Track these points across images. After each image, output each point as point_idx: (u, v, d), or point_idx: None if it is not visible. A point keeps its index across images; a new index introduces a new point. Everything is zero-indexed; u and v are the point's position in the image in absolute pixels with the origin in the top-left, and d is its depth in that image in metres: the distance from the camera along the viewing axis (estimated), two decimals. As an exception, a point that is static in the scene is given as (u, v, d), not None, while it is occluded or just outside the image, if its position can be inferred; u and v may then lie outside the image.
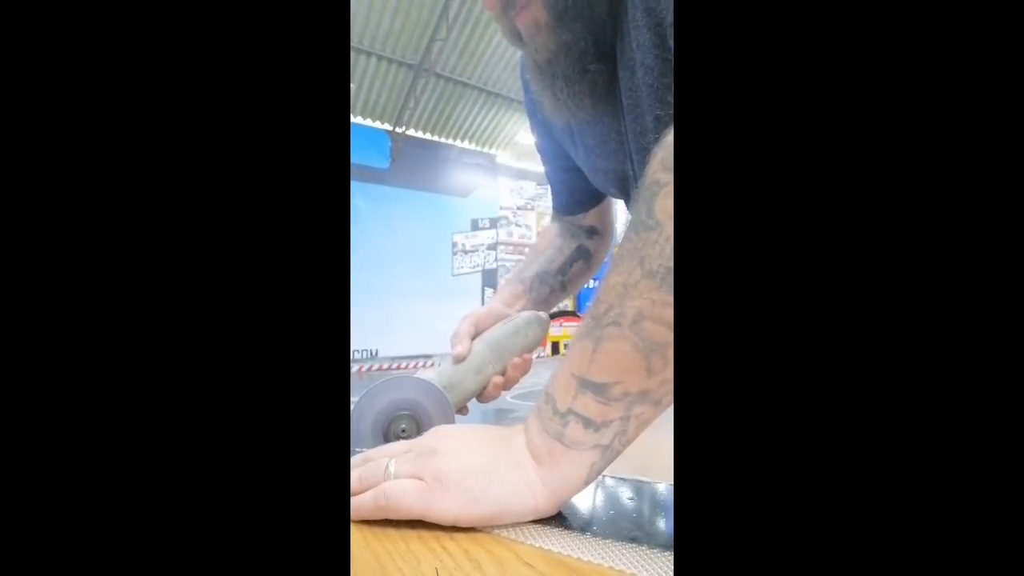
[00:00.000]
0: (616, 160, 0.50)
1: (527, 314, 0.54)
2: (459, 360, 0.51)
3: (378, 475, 0.32)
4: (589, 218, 0.68)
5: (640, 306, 0.28)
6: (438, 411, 0.46)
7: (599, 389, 0.29)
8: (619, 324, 0.28)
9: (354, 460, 0.35)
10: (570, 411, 0.30)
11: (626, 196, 0.52)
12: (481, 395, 0.52)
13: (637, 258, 0.28)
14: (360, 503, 0.31)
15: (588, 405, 0.30)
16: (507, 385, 0.53)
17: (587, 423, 0.30)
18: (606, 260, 0.69)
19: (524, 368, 0.54)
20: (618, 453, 0.31)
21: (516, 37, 0.45)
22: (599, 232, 0.69)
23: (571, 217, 0.68)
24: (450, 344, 0.52)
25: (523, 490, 0.30)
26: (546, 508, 0.31)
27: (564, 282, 0.66)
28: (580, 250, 0.67)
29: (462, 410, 0.52)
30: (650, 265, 0.27)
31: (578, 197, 0.66)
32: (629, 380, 0.29)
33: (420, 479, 0.31)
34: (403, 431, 0.46)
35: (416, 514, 0.30)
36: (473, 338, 0.53)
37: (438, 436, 0.34)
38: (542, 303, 0.63)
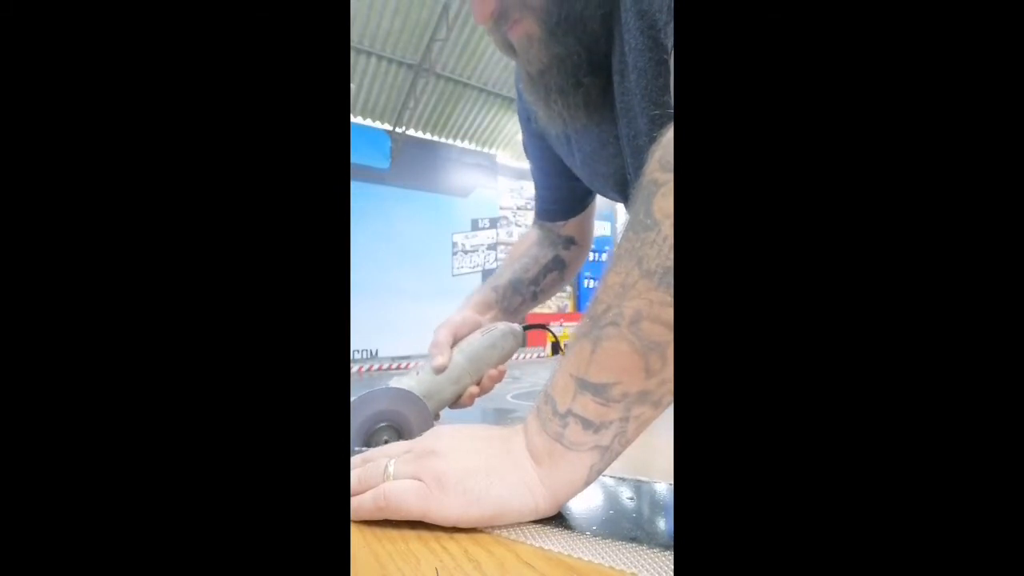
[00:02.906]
0: (615, 164, 0.50)
1: (503, 326, 0.56)
2: (440, 371, 0.52)
3: (377, 476, 0.32)
4: (569, 227, 0.69)
5: (638, 306, 0.28)
6: (419, 421, 0.47)
7: (598, 390, 0.29)
8: (617, 324, 0.28)
9: (353, 461, 0.35)
10: (569, 412, 0.30)
11: (627, 199, 0.52)
12: (455, 403, 0.54)
13: (635, 258, 0.28)
14: (360, 504, 0.31)
15: (587, 406, 0.29)
16: (482, 394, 0.55)
17: (586, 424, 0.30)
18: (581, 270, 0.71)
19: (499, 378, 0.56)
20: (618, 454, 0.31)
21: (509, 49, 0.45)
22: (577, 243, 0.70)
23: (552, 224, 0.69)
24: (429, 353, 0.54)
25: (523, 490, 0.30)
26: (546, 508, 0.31)
27: (536, 292, 0.67)
28: (556, 260, 0.68)
29: (435, 417, 0.54)
30: (648, 265, 0.27)
31: (561, 205, 0.67)
32: (628, 381, 0.29)
33: (419, 480, 0.31)
34: (385, 442, 0.46)
35: (416, 515, 0.30)
36: (451, 347, 0.54)
37: (437, 437, 0.34)
38: (512, 312, 0.65)
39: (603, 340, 0.29)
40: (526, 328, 0.59)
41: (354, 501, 0.31)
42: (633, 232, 0.29)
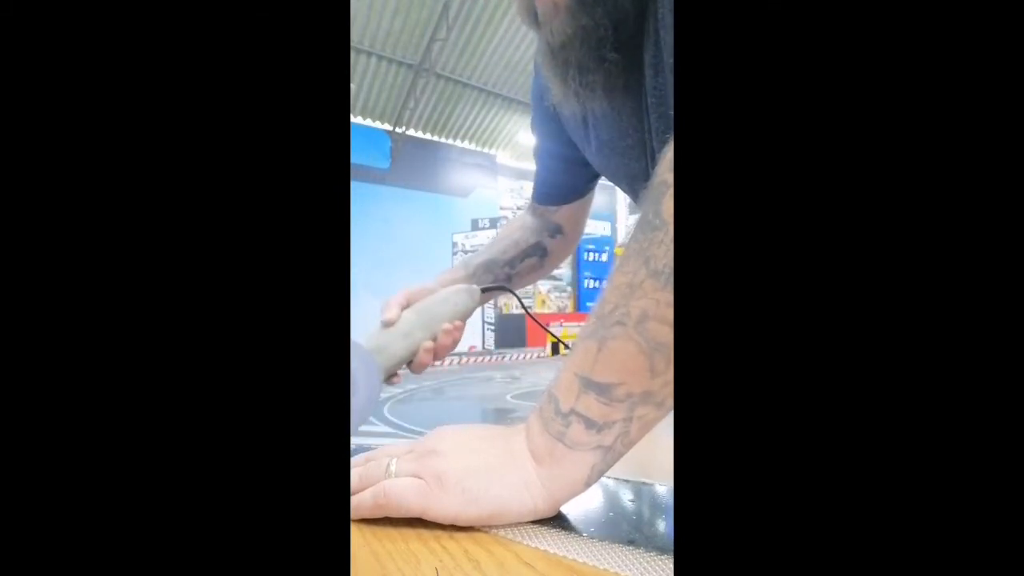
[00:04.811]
0: (631, 157, 0.49)
1: (458, 285, 0.57)
2: (387, 325, 0.53)
3: (379, 474, 0.32)
4: (560, 214, 0.68)
5: (645, 306, 0.28)
6: (364, 370, 0.48)
7: (602, 390, 0.29)
8: (624, 324, 0.28)
9: (355, 460, 0.35)
10: (573, 411, 0.30)
11: (635, 194, 0.52)
12: (412, 363, 0.54)
13: (643, 258, 0.28)
14: (360, 501, 0.31)
15: (591, 406, 0.29)
16: (439, 353, 0.55)
17: (589, 424, 0.30)
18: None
19: (455, 336, 0.56)
20: (620, 455, 0.31)
21: (532, 18, 0.44)
22: (564, 233, 0.69)
23: (544, 208, 0.69)
24: (380, 311, 0.54)
25: (522, 491, 0.30)
26: (545, 509, 0.31)
27: (510, 275, 0.66)
28: (537, 247, 0.68)
29: (394, 377, 0.54)
30: (655, 265, 0.27)
31: (559, 189, 0.67)
32: (633, 381, 0.28)
33: (420, 478, 0.31)
34: None
35: (415, 512, 0.30)
36: (404, 309, 0.55)
37: (438, 436, 0.35)
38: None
39: (609, 340, 0.29)
40: (484, 290, 0.60)
41: (354, 499, 0.31)
42: (642, 232, 0.29)
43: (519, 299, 0.66)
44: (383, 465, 0.33)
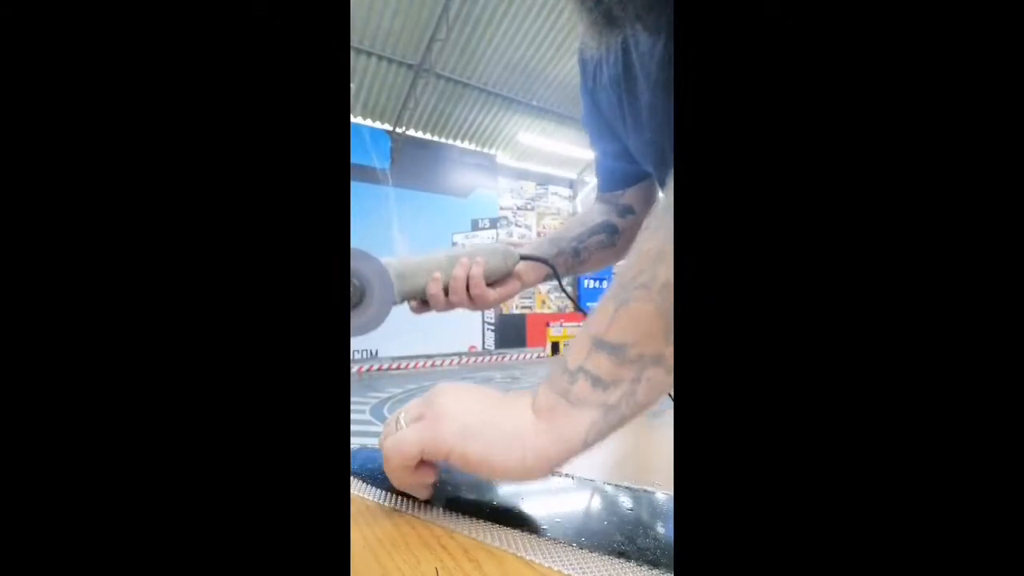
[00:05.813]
0: (662, 135, 0.49)
1: (495, 244, 0.59)
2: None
3: (391, 428, 0.33)
4: (628, 197, 0.67)
5: (672, 274, 0.27)
6: (381, 288, 0.51)
7: (615, 349, 0.29)
8: (648, 287, 0.28)
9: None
10: (580, 369, 0.30)
11: (660, 175, 0.52)
12: (424, 299, 0.57)
13: (672, 228, 0.28)
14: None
15: (600, 363, 0.29)
16: (454, 297, 0.57)
17: (596, 381, 0.29)
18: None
19: (481, 293, 0.57)
20: (624, 417, 0.30)
21: None
22: (635, 212, 0.68)
23: (610, 195, 0.68)
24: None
25: (516, 442, 0.30)
26: (535, 464, 0.30)
27: (578, 248, 0.66)
28: (605, 224, 0.67)
29: (404, 299, 0.57)
30: None
31: (619, 174, 0.66)
32: (646, 343, 0.28)
33: (423, 418, 0.32)
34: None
35: (415, 454, 0.31)
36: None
37: (443, 387, 0.35)
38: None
39: (630, 302, 0.29)
40: (524, 257, 0.61)
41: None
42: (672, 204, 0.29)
43: (558, 276, 0.64)
44: (393, 420, 0.34)
